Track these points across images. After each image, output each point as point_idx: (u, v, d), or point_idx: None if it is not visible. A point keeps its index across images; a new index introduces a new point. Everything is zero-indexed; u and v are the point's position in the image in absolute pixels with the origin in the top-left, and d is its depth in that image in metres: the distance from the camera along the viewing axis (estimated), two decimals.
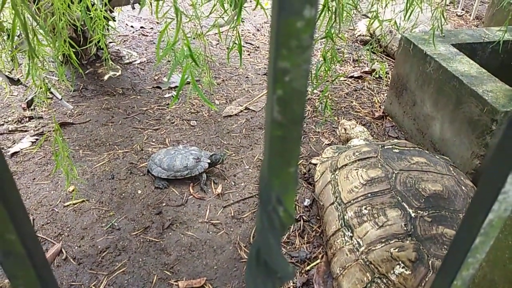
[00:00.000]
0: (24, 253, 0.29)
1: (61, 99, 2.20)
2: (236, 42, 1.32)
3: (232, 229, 1.54)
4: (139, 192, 1.70)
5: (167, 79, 2.65)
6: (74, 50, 1.35)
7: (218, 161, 1.78)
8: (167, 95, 2.51)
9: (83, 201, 1.64)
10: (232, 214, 1.61)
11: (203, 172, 1.75)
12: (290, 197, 0.28)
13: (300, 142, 0.25)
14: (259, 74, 2.91)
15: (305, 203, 1.66)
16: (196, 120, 2.25)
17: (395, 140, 1.72)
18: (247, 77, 2.84)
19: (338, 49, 3.06)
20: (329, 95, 2.57)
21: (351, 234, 1.27)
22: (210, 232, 1.52)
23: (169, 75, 0.84)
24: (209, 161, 1.76)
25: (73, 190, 1.69)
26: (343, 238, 1.29)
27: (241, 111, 2.39)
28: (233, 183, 1.78)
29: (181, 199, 1.68)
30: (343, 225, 1.31)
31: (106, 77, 2.62)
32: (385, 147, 1.54)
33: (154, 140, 2.05)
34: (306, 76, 0.22)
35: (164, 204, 1.64)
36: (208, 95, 2.59)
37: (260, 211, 0.30)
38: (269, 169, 0.27)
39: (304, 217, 1.59)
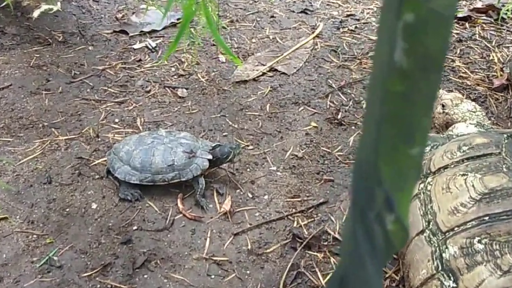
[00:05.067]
0: None
1: None
2: None
3: (248, 272, 1.55)
4: (94, 206, 1.72)
5: (139, 18, 2.66)
6: None
7: (225, 157, 1.78)
8: (137, 45, 2.52)
9: (3, 219, 1.67)
10: (249, 247, 1.61)
11: (200, 175, 1.75)
12: (406, 198, 0.28)
13: (435, 103, 0.25)
14: (292, 12, 2.91)
15: None
16: (187, 88, 2.25)
17: None
18: (272, 17, 2.84)
19: None
20: None
21: (455, 285, 1.27)
22: (213, 276, 1.54)
23: (168, 8, 0.85)
24: (210, 156, 1.76)
25: None
26: None
27: (263, 73, 2.39)
28: (249, 195, 1.78)
29: (164, 220, 1.69)
30: (440, 268, 1.31)
31: (36, 14, 2.64)
32: None
33: (117, 120, 2.07)
34: None
35: (135, 228, 1.66)
36: (208, 47, 2.60)
37: (353, 219, 0.30)
38: (377, 149, 0.26)
39: None
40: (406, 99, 0.24)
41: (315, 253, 1.61)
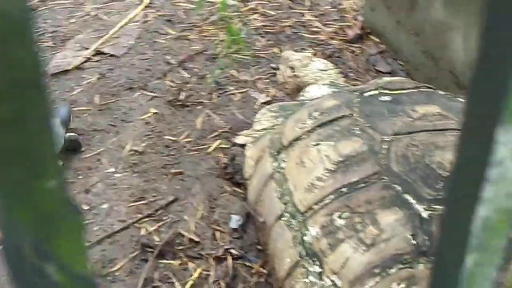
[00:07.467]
0: None
1: None
2: None
3: None
4: None
5: None
6: None
7: None
8: None
9: None
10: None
11: None
12: (69, 241, 0.26)
13: (52, 126, 0.23)
14: None
15: (233, 224, 1.67)
16: None
17: (386, 79, 1.77)
18: None
19: None
20: (256, 5, 2.58)
21: (320, 270, 1.29)
22: None
23: None
24: None
25: None
26: (307, 279, 1.30)
27: (88, 59, 2.32)
28: (85, 207, 1.73)
29: None
30: (303, 254, 1.33)
31: None
32: (365, 94, 1.57)
33: None
34: None
35: None
36: None
37: (11, 278, 0.28)
38: (9, 191, 0.25)
39: (233, 250, 1.61)
40: (13, 125, 0.22)
41: (170, 261, 1.59)
